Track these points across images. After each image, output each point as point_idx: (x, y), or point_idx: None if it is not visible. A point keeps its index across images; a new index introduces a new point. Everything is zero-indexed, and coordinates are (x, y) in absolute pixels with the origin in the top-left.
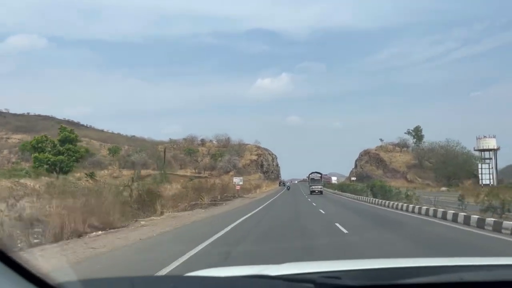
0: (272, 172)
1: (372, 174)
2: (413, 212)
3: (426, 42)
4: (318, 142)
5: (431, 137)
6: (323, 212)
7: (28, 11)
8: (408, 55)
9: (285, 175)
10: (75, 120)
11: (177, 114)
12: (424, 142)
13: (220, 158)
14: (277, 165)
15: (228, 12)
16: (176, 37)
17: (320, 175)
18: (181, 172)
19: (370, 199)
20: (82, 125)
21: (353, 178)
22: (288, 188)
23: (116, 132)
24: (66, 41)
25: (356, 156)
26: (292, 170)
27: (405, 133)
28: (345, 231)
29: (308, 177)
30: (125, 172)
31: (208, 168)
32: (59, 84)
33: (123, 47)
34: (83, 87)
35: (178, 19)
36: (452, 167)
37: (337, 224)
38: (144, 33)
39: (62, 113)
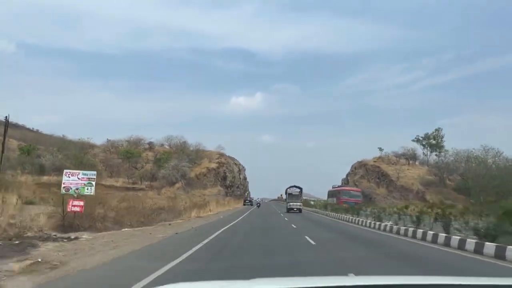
0: (237, 187)
1: (372, 192)
2: None
3: (396, 69)
4: (292, 163)
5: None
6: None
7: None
8: (378, 81)
9: (256, 194)
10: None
11: (147, 128)
12: (445, 151)
13: (165, 165)
14: (245, 178)
15: (205, 30)
16: (151, 51)
17: (299, 189)
18: (108, 182)
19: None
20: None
21: None
22: (258, 206)
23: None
24: (38, 49)
25: (344, 172)
26: (264, 189)
27: (413, 140)
28: None
29: (286, 191)
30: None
31: (147, 178)
32: (26, 92)
33: (97, 58)
34: (52, 96)
35: (155, 33)
36: (499, 183)
37: None
38: (119, 45)
39: (29, 120)
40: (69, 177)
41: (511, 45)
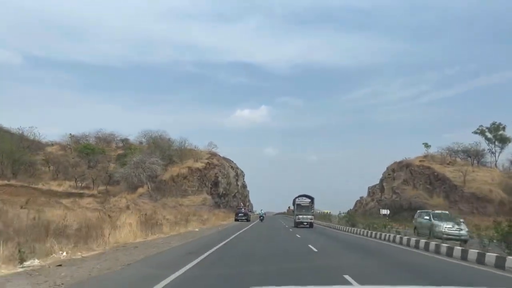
0: (234, 196)
1: (423, 203)
2: None
3: (399, 83)
4: (298, 175)
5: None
6: None
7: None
8: (382, 94)
9: (260, 207)
10: None
11: None
12: None
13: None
14: (244, 186)
15: (210, 43)
16: (156, 64)
17: (310, 199)
18: (49, 186)
19: None
20: None
21: (385, 211)
22: (262, 219)
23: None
24: (44, 60)
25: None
26: (270, 203)
27: (475, 132)
28: None
29: (294, 202)
30: None
31: (104, 180)
32: (32, 103)
33: (102, 70)
34: (57, 108)
35: (160, 46)
36: None
37: None
38: (125, 58)
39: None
40: None
41: None
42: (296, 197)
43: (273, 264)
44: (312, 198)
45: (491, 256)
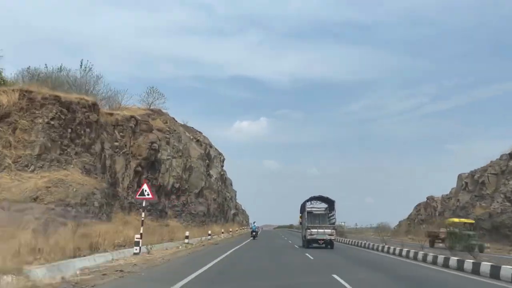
0: (199, 193)
1: None
2: None
3: (397, 97)
4: (295, 189)
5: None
6: None
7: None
8: (381, 108)
9: (257, 221)
10: None
11: None
12: None
13: None
14: (222, 178)
15: (210, 58)
16: (157, 79)
17: (326, 204)
18: None
19: None
20: None
21: None
22: (254, 236)
23: None
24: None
25: None
26: (267, 216)
27: None
28: None
29: (302, 209)
30: None
31: None
32: None
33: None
34: None
35: (161, 61)
36: None
37: None
38: (127, 73)
39: None
40: None
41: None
42: (306, 201)
43: None
44: (331, 202)
45: None
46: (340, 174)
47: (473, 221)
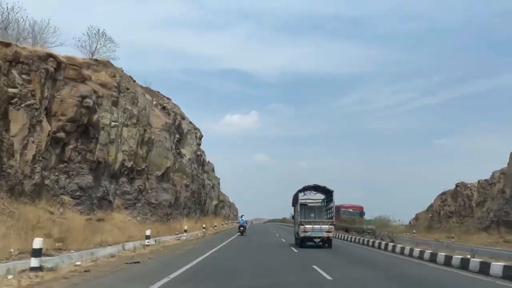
0: (163, 175)
1: None
2: None
3: (387, 91)
4: (287, 182)
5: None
6: None
7: None
8: (370, 102)
9: (248, 215)
10: None
11: None
12: None
13: None
14: (199, 160)
15: (200, 51)
16: (147, 71)
17: (323, 195)
18: None
19: None
20: None
21: None
22: (241, 232)
23: None
24: None
25: None
26: (259, 210)
27: None
28: None
29: (295, 200)
30: None
31: None
32: None
33: None
34: None
35: (151, 54)
36: None
37: None
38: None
39: None
40: None
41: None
42: (299, 191)
43: None
44: (329, 193)
45: None
46: (330, 167)
47: None
